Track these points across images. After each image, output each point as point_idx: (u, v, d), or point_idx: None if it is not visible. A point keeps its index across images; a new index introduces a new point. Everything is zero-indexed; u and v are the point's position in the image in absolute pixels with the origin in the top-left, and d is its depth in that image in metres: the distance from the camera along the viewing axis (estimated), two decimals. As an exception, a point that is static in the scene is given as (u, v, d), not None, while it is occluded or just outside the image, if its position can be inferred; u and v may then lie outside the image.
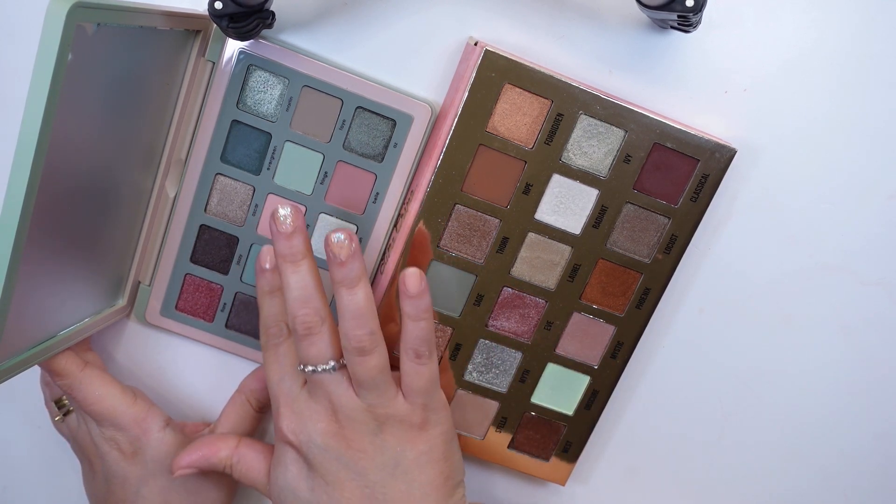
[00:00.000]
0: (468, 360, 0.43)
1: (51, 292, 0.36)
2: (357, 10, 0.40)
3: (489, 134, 0.39)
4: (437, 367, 0.38)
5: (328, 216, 0.42)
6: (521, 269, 0.41)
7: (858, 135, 0.42)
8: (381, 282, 0.42)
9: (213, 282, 0.43)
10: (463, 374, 0.43)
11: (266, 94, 0.40)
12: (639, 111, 0.39)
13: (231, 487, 0.45)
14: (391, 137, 0.41)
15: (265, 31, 0.40)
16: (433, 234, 0.40)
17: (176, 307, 0.44)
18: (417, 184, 0.41)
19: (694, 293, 0.45)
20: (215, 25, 0.38)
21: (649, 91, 0.41)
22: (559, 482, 0.46)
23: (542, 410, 0.44)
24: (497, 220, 0.40)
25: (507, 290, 0.42)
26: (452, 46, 0.41)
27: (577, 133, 0.39)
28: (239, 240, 0.43)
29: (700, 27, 0.39)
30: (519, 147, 0.39)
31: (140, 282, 0.44)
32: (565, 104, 0.38)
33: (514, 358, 0.43)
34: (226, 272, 0.43)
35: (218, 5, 0.33)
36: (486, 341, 0.42)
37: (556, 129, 0.39)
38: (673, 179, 0.40)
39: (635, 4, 0.38)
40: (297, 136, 0.41)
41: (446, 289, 0.41)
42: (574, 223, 0.40)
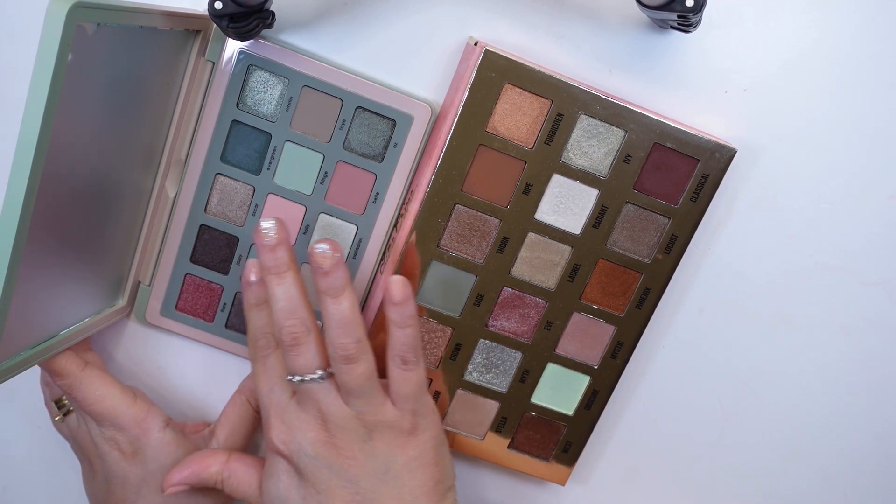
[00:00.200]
0: (468, 360, 0.43)
1: (51, 292, 0.36)
2: (357, 10, 0.40)
3: (489, 134, 0.39)
4: (425, 372, 0.38)
5: (328, 216, 0.42)
6: (521, 269, 0.41)
7: (858, 135, 0.42)
8: (382, 283, 0.42)
9: (213, 282, 0.43)
10: (463, 374, 0.43)
11: (266, 94, 0.40)
12: (639, 111, 0.39)
13: (231, 487, 0.45)
14: (391, 137, 0.41)
15: (265, 31, 0.40)
16: (429, 241, 0.40)
17: (176, 307, 0.44)
18: (417, 184, 0.41)
19: (694, 293, 0.45)
20: (215, 25, 0.38)
21: (649, 91, 0.41)
22: (559, 482, 0.46)
23: (542, 410, 0.44)
24: (497, 220, 0.40)
25: (507, 290, 0.42)
26: (452, 46, 0.41)
27: (577, 133, 0.39)
28: (239, 240, 0.43)
29: (700, 27, 0.39)
30: (519, 147, 0.39)
31: (140, 282, 0.44)
32: (565, 104, 0.38)
33: (514, 358, 0.43)
34: (226, 272, 0.43)
35: (218, 5, 0.33)
36: (486, 341, 0.42)
37: (556, 129, 0.39)
38: (673, 179, 0.40)
39: (635, 4, 0.38)
40: (297, 136, 0.41)
41: (446, 289, 0.41)
42: (574, 223, 0.40)
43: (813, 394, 0.47)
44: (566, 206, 0.40)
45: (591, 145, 0.39)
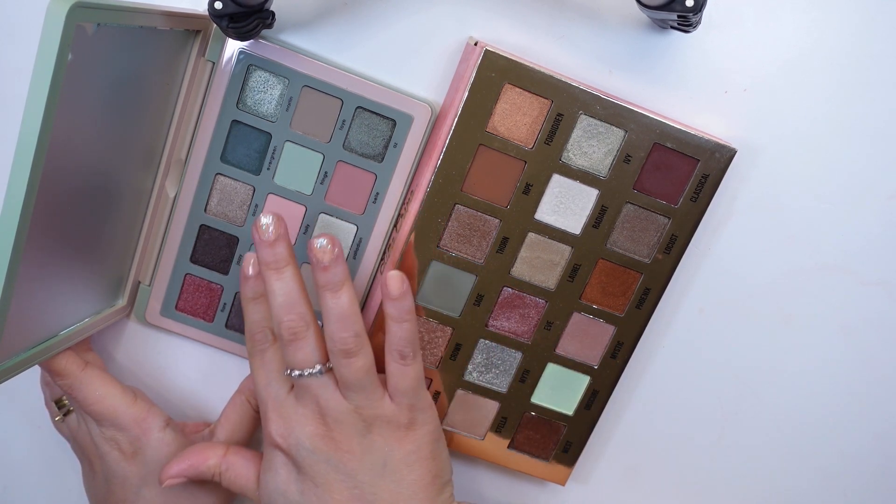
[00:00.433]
0: (468, 360, 0.43)
1: (51, 292, 0.36)
2: (357, 10, 0.40)
3: (489, 134, 0.39)
4: (422, 367, 0.39)
5: (328, 216, 0.42)
6: (521, 269, 0.41)
7: (858, 135, 0.42)
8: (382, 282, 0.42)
9: (213, 282, 0.43)
10: (463, 374, 0.43)
11: (266, 94, 0.40)
12: (639, 111, 0.39)
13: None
14: (391, 137, 0.41)
15: (265, 31, 0.40)
16: (430, 240, 0.40)
17: (176, 307, 0.44)
18: (417, 184, 0.41)
19: (694, 293, 0.45)
20: (215, 25, 0.38)
21: (649, 91, 0.41)
22: (559, 482, 0.46)
23: (542, 410, 0.44)
24: (497, 220, 0.40)
25: (507, 290, 0.42)
26: (452, 46, 0.41)
27: (577, 133, 0.39)
28: (239, 240, 0.43)
29: (700, 27, 0.39)
30: (519, 147, 0.39)
31: (140, 282, 0.44)
32: (565, 104, 0.38)
33: (514, 358, 0.43)
34: (226, 272, 0.43)
35: (218, 5, 0.33)
36: (486, 341, 0.42)
37: (556, 129, 0.39)
38: (673, 179, 0.40)
39: (635, 4, 0.38)
40: (297, 136, 0.41)
41: (446, 289, 0.41)
42: (574, 223, 0.40)
43: (813, 394, 0.47)
44: (566, 206, 0.40)
45: (591, 145, 0.39)
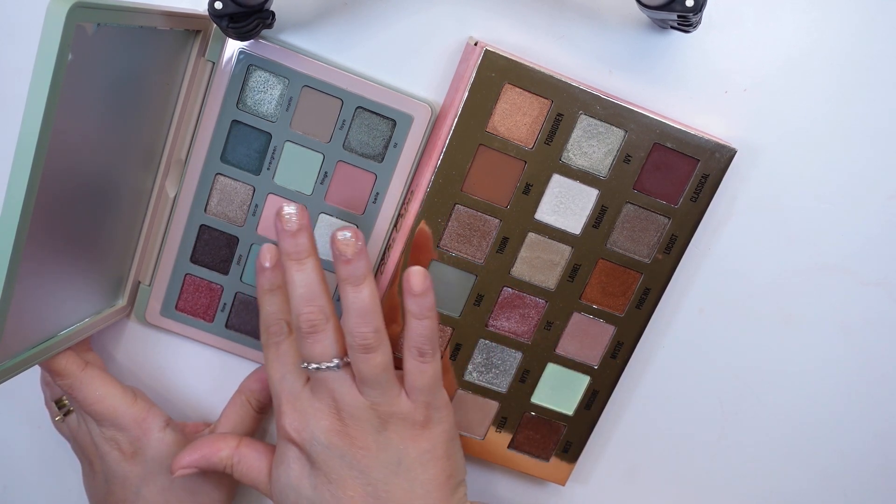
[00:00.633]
0: (468, 360, 0.43)
1: (51, 292, 0.36)
2: (357, 10, 0.40)
3: (489, 134, 0.39)
4: (441, 365, 0.38)
5: (328, 216, 0.42)
6: (521, 269, 0.41)
7: (858, 135, 0.42)
8: (381, 282, 0.42)
9: (213, 282, 0.43)
10: (463, 374, 0.43)
11: (266, 94, 0.40)
12: (639, 111, 0.39)
13: (231, 487, 0.45)
14: (391, 137, 0.41)
15: (265, 31, 0.40)
16: (434, 234, 0.40)
17: (176, 307, 0.44)
18: (417, 184, 0.41)
19: (694, 293, 0.45)
20: (215, 25, 0.38)
21: (649, 91, 0.41)
22: (559, 482, 0.46)
23: (542, 410, 0.44)
24: (497, 220, 0.40)
25: (507, 290, 0.42)
26: (452, 46, 0.41)
27: (577, 133, 0.39)
28: (239, 240, 0.43)
29: (700, 27, 0.39)
30: (519, 147, 0.39)
31: (140, 282, 0.44)
32: (565, 104, 0.38)
33: (514, 358, 0.43)
34: (226, 272, 0.43)
35: (218, 5, 0.33)
36: (486, 341, 0.42)
37: (556, 129, 0.39)
38: (673, 179, 0.40)
39: (635, 4, 0.38)
40: (297, 136, 0.41)
41: (446, 289, 0.41)
42: (574, 223, 0.40)
43: (813, 394, 0.47)
44: (566, 206, 0.40)
45: (591, 145, 0.39)
